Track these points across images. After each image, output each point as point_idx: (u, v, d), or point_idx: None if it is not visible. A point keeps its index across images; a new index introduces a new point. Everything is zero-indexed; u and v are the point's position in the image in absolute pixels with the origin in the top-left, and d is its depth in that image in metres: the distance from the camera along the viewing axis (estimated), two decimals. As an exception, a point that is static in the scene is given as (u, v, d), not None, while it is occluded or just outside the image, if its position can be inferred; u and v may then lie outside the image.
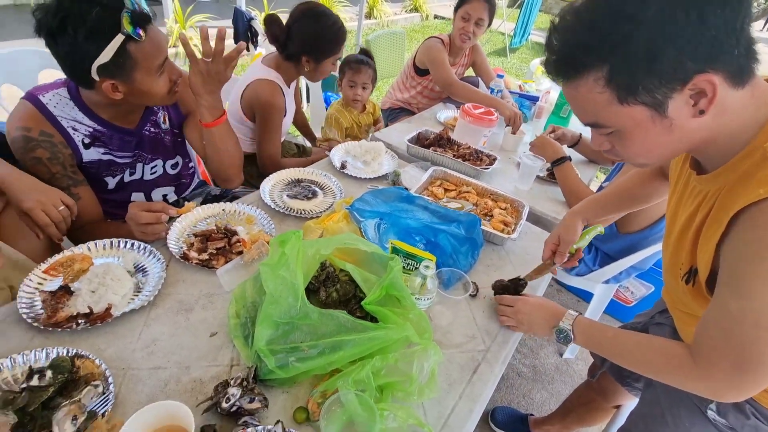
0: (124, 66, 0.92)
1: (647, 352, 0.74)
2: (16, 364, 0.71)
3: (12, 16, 4.50)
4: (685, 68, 0.52)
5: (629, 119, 0.59)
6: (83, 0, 0.85)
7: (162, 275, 0.92)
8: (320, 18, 1.50)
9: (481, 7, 2.01)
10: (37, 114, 1.00)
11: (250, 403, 0.70)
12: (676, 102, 0.55)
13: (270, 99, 1.51)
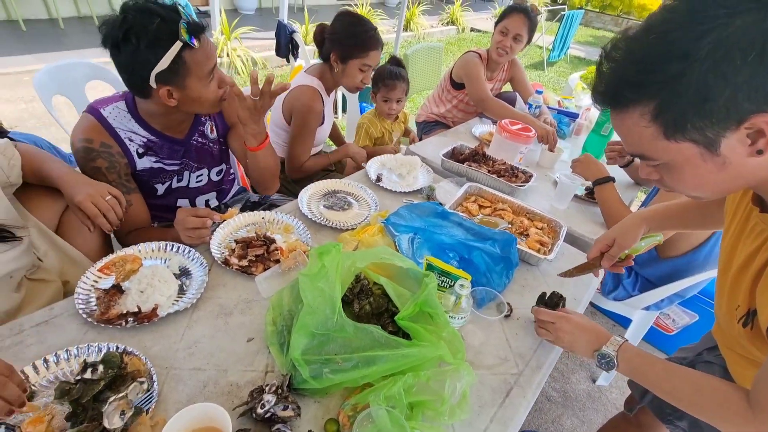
0: (179, 72, 0.99)
1: (699, 393, 0.70)
2: (71, 356, 0.77)
3: (76, 27, 4.86)
4: (741, 109, 0.50)
5: (677, 154, 0.57)
6: (145, 13, 0.93)
7: (205, 279, 0.97)
8: (354, 20, 1.56)
9: (521, 23, 2.00)
10: (98, 126, 1.07)
11: (284, 411, 0.72)
12: (730, 141, 0.53)
13: (309, 102, 1.56)
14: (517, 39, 2.05)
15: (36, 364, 0.74)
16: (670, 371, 0.76)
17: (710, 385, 0.71)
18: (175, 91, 1.02)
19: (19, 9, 4.44)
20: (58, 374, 0.74)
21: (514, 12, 2.01)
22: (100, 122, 1.07)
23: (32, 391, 0.71)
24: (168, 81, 0.99)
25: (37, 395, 0.71)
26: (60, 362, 0.75)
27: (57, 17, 4.78)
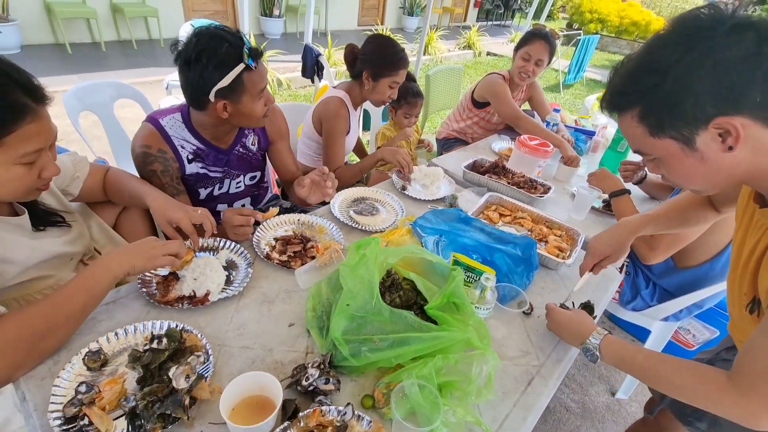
0: (237, 90, 1.12)
1: (681, 378, 0.75)
2: (137, 331, 0.86)
3: (116, 50, 5.21)
4: (706, 112, 0.61)
5: (663, 150, 0.70)
6: (216, 38, 1.07)
7: (249, 271, 1.06)
8: (385, 42, 1.69)
9: (542, 49, 2.11)
10: (156, 134, 1.21)
11: (325, 385, 0.80)
12: (703, 138, 0.64)
13: (336, 109, 1.69)
14: (538, 63, 2.16)
15: (108, 336, 0.84)
16: (651, 357, 0.81)
17: (689, 366, 0.76)
18: (229, 106, 1.14)
19: (66, 34, 4.81)
20: (126, 345, 0.84)
21: (536, 38, 2.13)
22: (158, 130, 1.20)
23: (106, 358, 0.81)
24: (226, 96, 1.12)
25: (110, 362, 0.81)
26: (128, 335, 0.85)
27: (100, 41, 5.14)
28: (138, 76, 4.58)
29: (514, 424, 0.83)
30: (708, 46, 0.59)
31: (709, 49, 0.59)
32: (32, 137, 0.76)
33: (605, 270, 1.32)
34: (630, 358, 0.85)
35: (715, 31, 0.59)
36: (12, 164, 0.76)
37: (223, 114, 1.16)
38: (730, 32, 0.58)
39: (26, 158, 0.77)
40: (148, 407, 0.70)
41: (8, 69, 0.74)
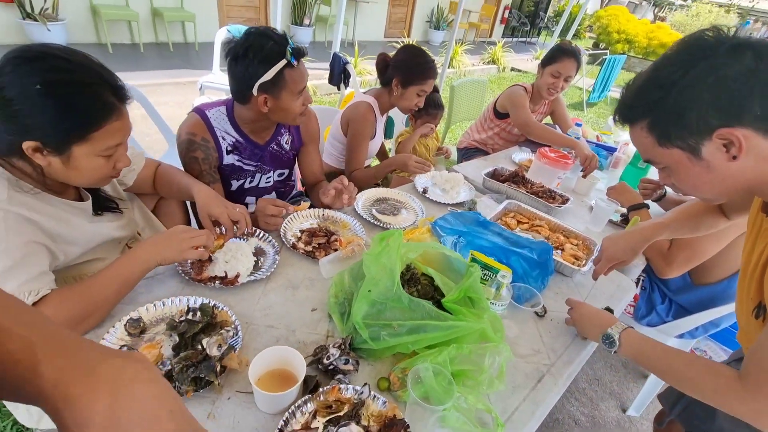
0: (278, 85, 1.20)
1: (694, 371, 0.77)
2: (173, 304, 0.93)
3: (153, 51, 5.47)
4: (709, 123, 0.67)
5: (670, 159, 0.76)
6: (263, 36, 1.16)
7: (276, 258, 1.13)
8: (417, 52, 1.76)
9: (572, 66, 2.16)
10: (202, 124, 1.30)
11: (345, 365, 0.84)
12: (708, 148, 0.70)
13: (364, 113, 1.77)
14: (567, 80, 2.20)
15: (147, 306, 0.91)
16: (667, 351, 0.83)
17: (703, 362, 0.78)
18: (270, 100, 1.22)
19: (109, 35, 5.07)
20: (163, 316, 0.91)
21: (565, 56, 2.16)
22: (203, 121, 1.30)
23: (145, 326, 0.87)
24: (267, 90, 1.20)
25: (148, 330, 0.88)
26: (165, 307, 0.92)
27: (139, 42, 5.40)
28: (172, 77, 4.80)
29: (523, 416, 0.86)
30: (709, 64, 0.66)
31: (711, 67, 0.65)
32: (115, 133, 0.85)
33: (620, 280, 1.35)
34: (648, 350, 0.87)
35: (716, 51, 0.66)
36: (95, 156, 0.84)
37: (264, 108, 1.24)
38: (730, 51, 0.65)
39: (107, 151, 0.85)
40: (182, 371, 0.76)
41: (100, 70, 0.82)
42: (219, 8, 6.32)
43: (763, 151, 0.67)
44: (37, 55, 0.77)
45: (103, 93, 0.81)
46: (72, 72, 0.78)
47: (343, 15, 4.20)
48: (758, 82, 0.64)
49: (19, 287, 0.75)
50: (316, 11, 7.26)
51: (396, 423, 0.76)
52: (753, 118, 0.65)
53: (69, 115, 0.78)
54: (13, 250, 0.77)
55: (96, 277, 0.86)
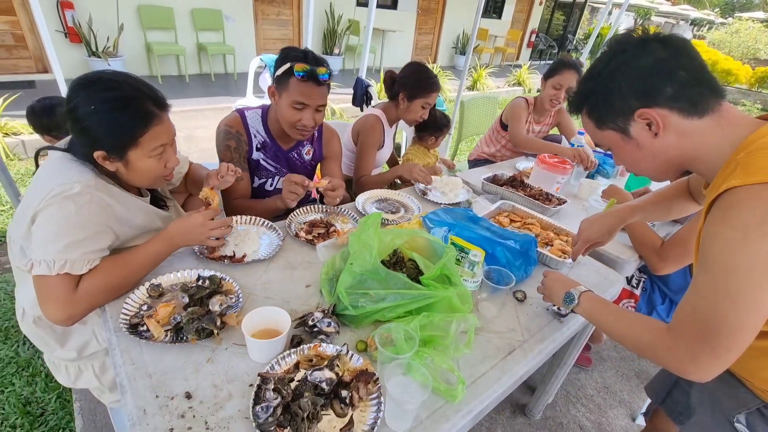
0: (282, 82, 1.39)
1: (634, 328, 0.82)
2: (188, 274, 1.09)
3: (198, 82, 6.00)
4: (630, 106, 0.78)
5: (609, 140, 0.87)
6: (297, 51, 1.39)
7: (279, 243, 1.28)
8: (420, 68, 1.92)
9: (572, 77, 2.25)
10: (239, 120, 1.52)
11: (327, 327, 0.96)
12: (635, 128, 0.81)
13: (373, 124, 1.94)
14: (568, 91, 2.29)
15: (166, 275, 1.07)
16: (617, 312, 0.89)
17: (642, 319, 0.83)
18: (277, 95, 1.43)
19: (159, 68, 5.66)
20: (178, 283, 1.07)
21: (566, 68, 2.26)
22: (241, 118, 1.52)
23: (163, 290, 1.04)
24: (277, 86, 1.42)
25: (165, 293, 1.04)
26: (181, 276, 1.08)
27: (185, 74, 5.96)
28: (212, 103, 5.24)
29: (488, 381, 0.94)
30: (623, 56, 0.79)
31: (624, 58, 0.79)
32: (159, 136, 1.04)
33: (607, 273, 1.39)
34: (600, 308, 0.93)
35: (629, 45, 0.79)
36: (146, 157, 1.03)
37: (273, 100, 1.46)
38: (639, 45, 0.78)
39: (155, 152, 1.04)
40: (189, 322, 0.91)
41: (140, 85, 1.03)
42: (256, 41, 6.88)
43: (680, 127, 0.76)
44: (93, 80, 0.99)
45: (145, 103, 1.01)
46: (119, 90, 0.98)
47: (369, 44, 4.50)
48: (666, 67, 0.74)
49: (82, 255, 0.94)
50: (346, 41, 7.71)
51: (366, 374, 0.87)
52: (666, 99, 0.75)
53: (120, 124, 0.98)
54: (88, 227, 0.96)
55: (132, 253, 1.04)
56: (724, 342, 0.67)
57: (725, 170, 0.73)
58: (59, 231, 0.92)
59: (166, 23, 5.69)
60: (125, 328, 0.90)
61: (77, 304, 0.94)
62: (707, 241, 0.70)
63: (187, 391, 0.80)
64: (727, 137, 0.75)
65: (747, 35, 13.80)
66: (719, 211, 0.69)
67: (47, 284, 0.92)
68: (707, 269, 0.69)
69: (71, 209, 0.93)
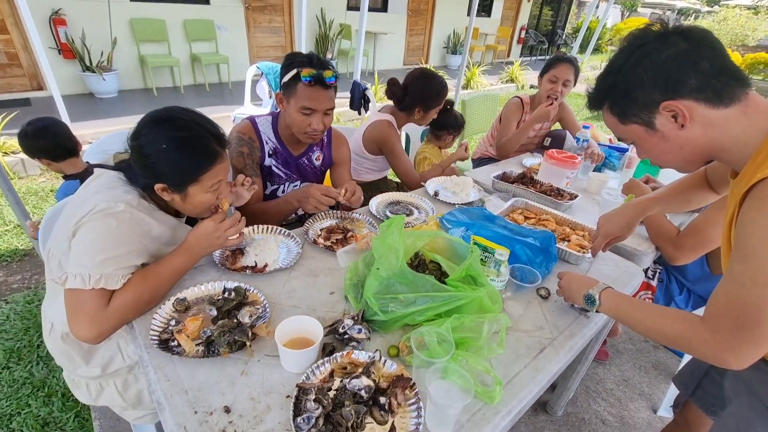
0: (290, 89, 1.39)
1: (664, 320, 0.82)
2: (213, 287, 1.08)
3: (192, 92, 5.98)
4: (654, 99, 0.78)
5: (633, 134, 0.86)
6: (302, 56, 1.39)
7: (299, 251, 1.27)
8: (431, 79, 1.95)
9: (568, 70, 2.26)
10: (251, 127, 1.53)
11: (358, 334, 0.95)
12: (660, 120, 0.80)
13: (389, 130, 1.97)
14: (566, 84, 2.30)
15: (191, 288, 1.06)
16: (643, 305, 0.89)
17: (671, 311, 0.83)
18: (285, 102, 1.43)
19: (154, 80, 5.64)
20: (204, 296, 1.06)
21: (560, 62, 2.28)
22: (253, 126, 1.53)
23: (189, 304, 1.03)
24: (285, 92, 1.42)
25: (191, 307, 1.03)
26: (205, 289, 1.07)
27: (180, 85, 5.94)
28: (209, 113, 5.09)
29: (523, 381, 0.93)
30: (643, 50, 0.79)
31: (645, 52, 0.78)
32: (218, 173, 1.06)
33: (626, 266, 1.39)
34: (624, 306, 0.93)
35: (648, 38, 0.79)
36: (204, 192, 1.05)
37: (281, 106, 1.47)
38: (659, 38, 0.78)
39: (213, 187, 1.06)
40: (220, 335, 0.90)
41: (206, 124, 1.04)
42: (249, 50, 6.87)
43: (706, 118, 0.76)
44: (166, 119, 1.00)
45: (210, 143, 1.02)
46: (189, 130, 1.00)
47: (362, 47, 4.51)
48: (688, 58, 0.75)
49: (115, 270, 0.94)
50: (338, 45, 7.72)
51: (403, 380, 0.86)
52: (691, 90, 0.75)
53: (186, 164, 1.00)
54: (126, 244, 0.96)
55: (159, 267, 1.03)
56: (764, 331, 0.67)
57: (756, 159, 0.73)
58: (98, 245, 0.92)
59: (159, 35, 5.67)
60: (156, 344, 0.89)
61: (107, 320, 0.93)
62: (745, 231, 0.70)
63: (225, 406, 0.79)
64: (754, 125, 0.75)
65: (735, 22, 13.94)
66: (756, 201, 0.69)
67: (80, 299, 0.91)
68: (744, 259, 0.69)
69: (112, 225, 0.94)
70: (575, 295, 1.05)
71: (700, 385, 1.16)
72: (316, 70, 1.36)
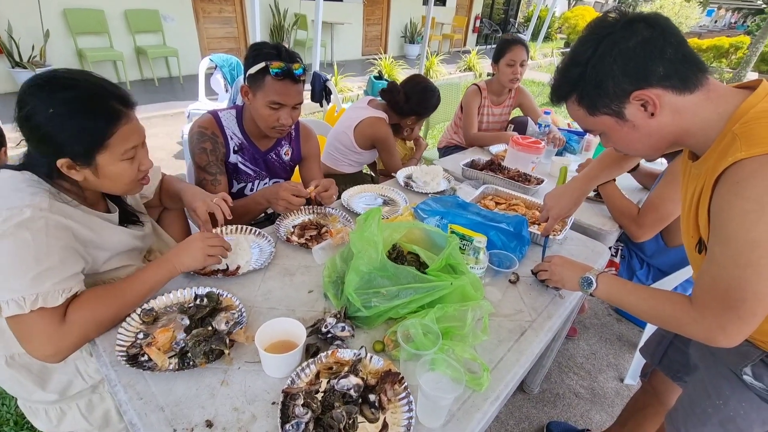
0: (257, 81, 1.32)
1: (656, 302, 0.85)
2: (182, 294, 1.01)
3: (140, 88, 5.62)
4: (624, 89, 0.77)
5: (602, 125, 0.85)
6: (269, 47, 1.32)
7: (272, 251, 1.22)
8: (432, 94, 2.04)
9: (521, 51, 2.31)
10: (214, 122, 1.44)
11: (342, 332, 0.93)
12: (630, 110, 0.80)
13: (387, 129, 2.01)
14: (522, 65, 2.35)
15: (158, 297, 0.99)
16: (636, 290, 0.91)
17: (661, 293, 0.86)
18: (251, 95, 1.37)
19: (95, 75, 5.23)
20: (173, 304, 0.99)
21: (512, 44, 2.31)
22: (216, 120, 1.44)
23: (157, 315, 0.96)
24: (251, 85, 1.35)
25: (160, 318, 0.96)
26: (174, 297, 1.00)
27: (126, 81, 5.55)
28: (159, 110, 4.93)
29: (508, 364, 0.95)
30: (611, 40, 0.77)
31: (612, 42, 0.77)
32: (129, 136, 0.93)
33: (594, 245, 1.45)
34: (618, 290, 0.95)
35: (615, 27, 0.77)
36: (118, 161, 0.93)
37: (246, 99, 1.39)
38: (625, 26, 0.76)
39: (127, 154, 0.94)
40: (195, 345, 0.85)
41: (103, 83, 0.92)
42: (200, 41, 6.53)
43: (674, 105, 0.78)
44: (48, 80, 0.87)
45: (109, 102, 0.90)
46: (79, 88, 0.87)
47: (319, 38, 4.39)
48: (655, 46, 0.74)
49: (54, 285, 0.83)
50: (294, 36, 7.50)
51: (391, 375, 0.84)
52: (659, 78, 0.75)
53: (84, 126, 0.87)
54: (53, 253, 0.84)
55: (126, 281, 0.95)
56: (749, 308, 0.70)
57: (721, 142, 0.75)
58: (21, 263, 0.81)
59: (97, 27, 5.26)
60: (123, 361, 0.82)
61: (65, 336, 0.84)
62: (723, 214, 0.72)
63: (207, 420, 0.74)
64: (717, 109, 0.77)
65: (670, 11, 14.82)
66: (729, 185, 0.70)
67: (25, 323, 0.82)
68: (724, 241, 0.71)
69: (27, 238, 0.81)
70: (567, 279, 1.05)
71: (666, 354, 1.23)
72: (285, 63, 1.29)
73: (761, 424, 0.89)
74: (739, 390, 0.92)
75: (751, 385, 0.89)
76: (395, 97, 2.02)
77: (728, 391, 0.93)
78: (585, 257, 1.38)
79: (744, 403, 0.90)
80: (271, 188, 1.36)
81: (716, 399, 0.95)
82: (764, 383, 0.87)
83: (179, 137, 4.21)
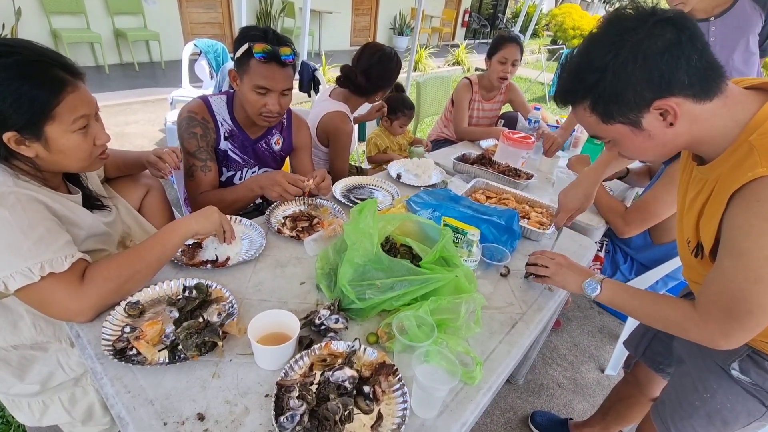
0: (242, 64, 1.30)
1: (659, 306, 0.87)
2: (170, 286, 0.99)
3: (119, 72, 5.42)
4: (645, 98, 0.72)
5: (615, 133, 0.80)
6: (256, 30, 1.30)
7: (263, 242, 1.20)
8: (390, 60, 1.84)
9: (515, 50, 2.31)
10: (204, 107, 1.40)
11: (335, 324, 0.92)
12: (648, 119, 0.75)
13: (343, 126, 1.82)
14: (514, 64, 2.35)
15: (144, 290, 0.96)
16: (639, 293, 0.93)
17: (665, 298, 0.88)
18: (239, 79, 1.34)
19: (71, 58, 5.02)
20: (160, 297, 0.96)
21: (507, 42, 2.31)
22: (206, 105, 1.40)
23: (143, 308, 0.93)
24: (238, 69, 1.32)
25: (147, 311, 0.93)
26: (161, 289, 0.97)
27: (104, 64, 5.35)
28: (140, 95, 4.78)
29: (500, 356, 0.96)
30: (635, 43, 0.69)
31: (638, 46, 0.69)
32: (77, 105, 0.87)
33: (581, 240, 1.47)
34: (621, 296, 0.95)
35: (640, 29, 0.69)
36: (69, 133, 0.88)
37: (235, 84, 1.36)
38: (653, 28, 0.68)
39: (77, 124, 0.88)
40: (187, 338, 0.83)
41: (45, 51, 0.86)
42: (183, 26, 6.34)
43: (692, 114, 0.74)
44: None
45: (51, 69, 0.84)
46: (18, 55, 0.81)
47: (307, 26, 4.31)
48: (682, 53, 0.68)
49: (55, 253, 0.80)
50: (281, 24, 7.35)
51: (385, 366, 0.84)
52: (682, 86, 0.70)
53: (27, 93, 0.81)
54: (37, 224, 0.81)
55: (141, 244, 0.95)
56: (754, 319, 0.72)
57: (736, 151, 0.74)
58: (9, 239, 0.78)
59: (73, 6, 5.04)
60: (110, 355, 0.80)
61: (86, 294, 0.84)
62: (739, 231, 0.71)
63: (198, 413, 0.73)
64: (733, 117, 0.74)
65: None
66: (749, 203, 0.69)
67: (40, 290, 0.80)
68: (737, 256, 0.71)
69: (5, 215, 0.78)
70: (569, 282, 1.04)
71: (650, 347, 1.26)
72: (271, 46, 1.26)
73: (746, 416, 0.93)
74: (726, 384, 0.94)
75: (738, 380, 0.92)
76: (354, 81, 1.83)
77: (715, 385, 0.96)
78: (573, 252, 1.40)
79: (731, 396, 0.93)
80: (268, 175, 1.33)
81: (704, 392, 0.97)
82: (750, 377, 0.90)
83: (161, 124, 4.09)
